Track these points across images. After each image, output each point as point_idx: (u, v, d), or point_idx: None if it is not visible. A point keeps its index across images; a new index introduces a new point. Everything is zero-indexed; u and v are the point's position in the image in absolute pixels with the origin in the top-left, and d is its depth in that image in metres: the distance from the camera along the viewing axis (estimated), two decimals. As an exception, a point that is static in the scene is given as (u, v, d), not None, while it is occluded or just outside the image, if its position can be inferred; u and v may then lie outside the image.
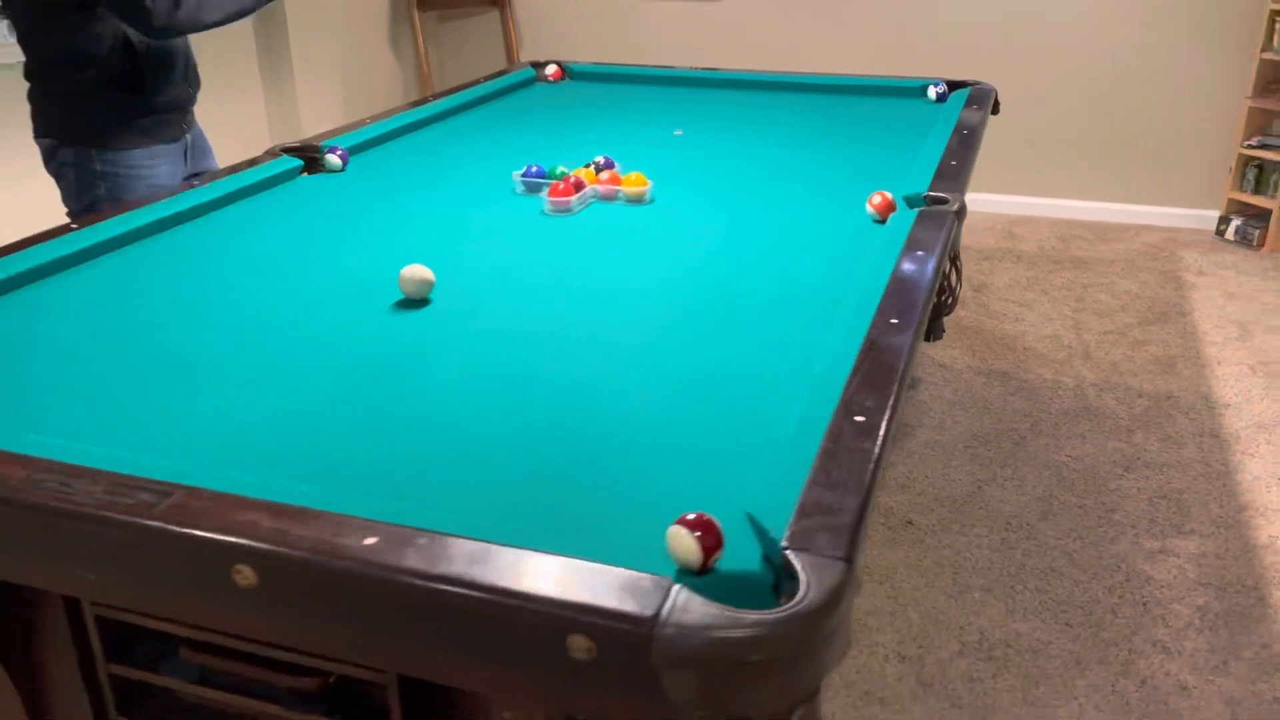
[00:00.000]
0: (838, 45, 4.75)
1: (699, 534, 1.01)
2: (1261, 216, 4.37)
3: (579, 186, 2.19)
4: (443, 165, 2.52)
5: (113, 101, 2.31)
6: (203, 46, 2.66)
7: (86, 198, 2.36)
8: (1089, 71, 4.49)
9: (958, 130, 2.61)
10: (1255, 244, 4.36)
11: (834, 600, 0.94)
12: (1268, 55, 4.20)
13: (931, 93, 3.14)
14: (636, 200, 2.22)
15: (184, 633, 1.29)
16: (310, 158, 2.45)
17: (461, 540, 1.01)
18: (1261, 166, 4.35)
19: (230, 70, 4.10)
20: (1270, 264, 4.21)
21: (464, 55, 5.28)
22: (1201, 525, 2.49)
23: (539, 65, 3.55)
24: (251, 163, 2.36)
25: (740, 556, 1.03)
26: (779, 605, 0.93)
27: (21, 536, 1.12)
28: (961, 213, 2.02)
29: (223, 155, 2.76)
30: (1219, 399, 3.11)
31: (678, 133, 2.81)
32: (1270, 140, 4.31)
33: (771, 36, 4.83)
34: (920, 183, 2.20)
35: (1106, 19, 4.42)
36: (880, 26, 4.69)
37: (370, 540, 1.02)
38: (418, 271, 1.69)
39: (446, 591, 0.96)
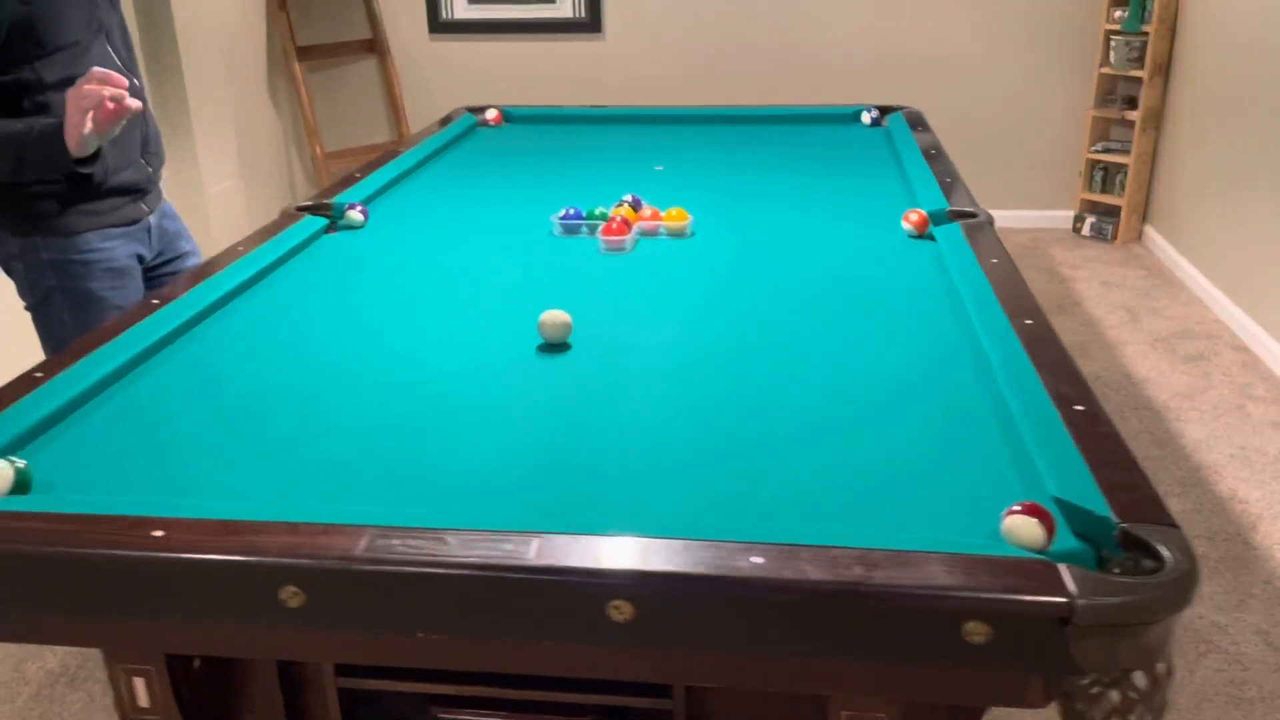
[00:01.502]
0: (718, 78, 4.98)
1: (1037, 519, 1.13)
2: (1111, 212, 4.89)
3: (628, 224, 2.27)
4: (458, 214, 2.53)
5: (55, 186, 2.07)
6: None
7: (39, 290, 2.13)
8: (951, 92, 4.89)
9: (925, 152, 2.83)
10: (1110, 237, 4.88)
11: (1193, 559, 1.08)
12: (1105, 70, 4.72)
13: (865, 118, 3.38)
14: (678, 234, 2.31)
15: (434, 690, 1.32)
16: (322, 216, 2.41)
17: (848, 549, 1.08)
18: (1106, 168, 4.87)
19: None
20: (1127, 254, 4.72)
21: (345, 104, 5.19)
22: (1171, 487, 2.81)
23: (476, 110, 3.57)
24: (278, 226, 2.30)
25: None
26: (1107, 572, 1.06)
27: (396, 603, 1.11)
28: (993, 223, 2.23)
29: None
30: (1137, 375, 3.48)
31: (659, 168, 2.92)
32: (1111, 145, 4.84)
33: (657, 72, 5.01)
34: (930, 200, 2.40)
35: (963, 43, 4.85)
36: (754, 60, 4.95)
37: (757, 559, 1.08)
38: (559, 316, 1.72)
39: (855, 591, 1.04)
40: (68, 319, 2.16)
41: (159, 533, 1.14)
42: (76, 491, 1.30)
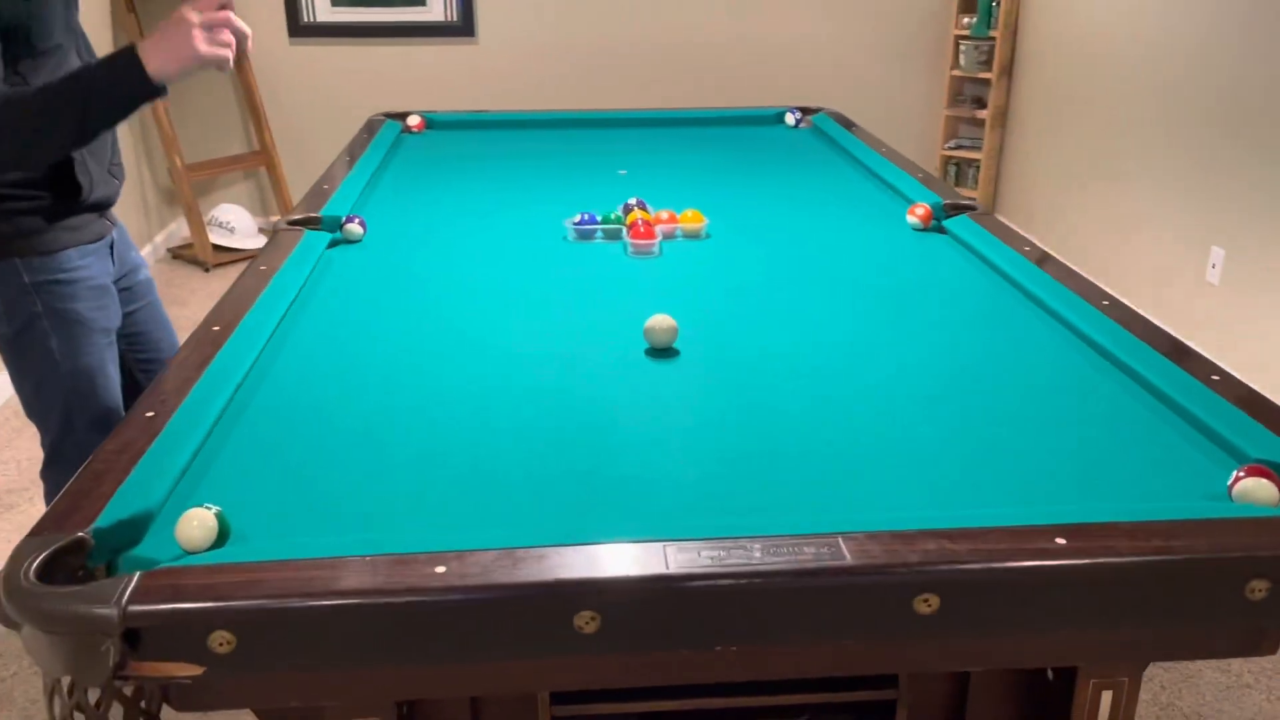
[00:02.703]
0: (596, 83, 4.99)
1: (1267, 479, 1.23)
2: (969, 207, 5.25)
3: (653, 228, 2.26)
4: (453, 223, 2.44)
5: (37, 201, 1.89)
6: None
7: (20, 317, 1.91)
8: (813, 93, 5.10)
9: (875, 149, 2.96)
10: (967, 228, 5.24)
11: None
12: (955, 72, 5.07)
13: (790, 119, 3.48)
14: (694, 236, 2.33)
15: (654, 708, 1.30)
16: (312, 229, 2.27)
17: (1140, 523, 1.14)
18: (959, 164, 5.23)
19: None
20: (986, 243, 5.09)
21: (199, 113, 4.84)
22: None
23: (396, 116, 3.44)
24: (287, 243, 2.15)
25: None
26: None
27: (693, 618, 1.08)
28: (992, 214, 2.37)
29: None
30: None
31: (622, 172, 2.91)
32: (963, 142, 5.20)
33: (534, 76, 4.96)
34: (920, 195, 2.51)
35: (823, 47, 5.07)
36: (630, 64, 5.00)
37: (1060, 540, 1.12)
38: (666, 320, 1.71)
39: (1160, 562, 1.10)
40: (56, 345, 1.93)
41: (441, 569, 1.06)
42: (270, 538, 1.19)
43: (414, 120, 3.40)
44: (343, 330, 1.79)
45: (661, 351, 1.70)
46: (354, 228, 2.27)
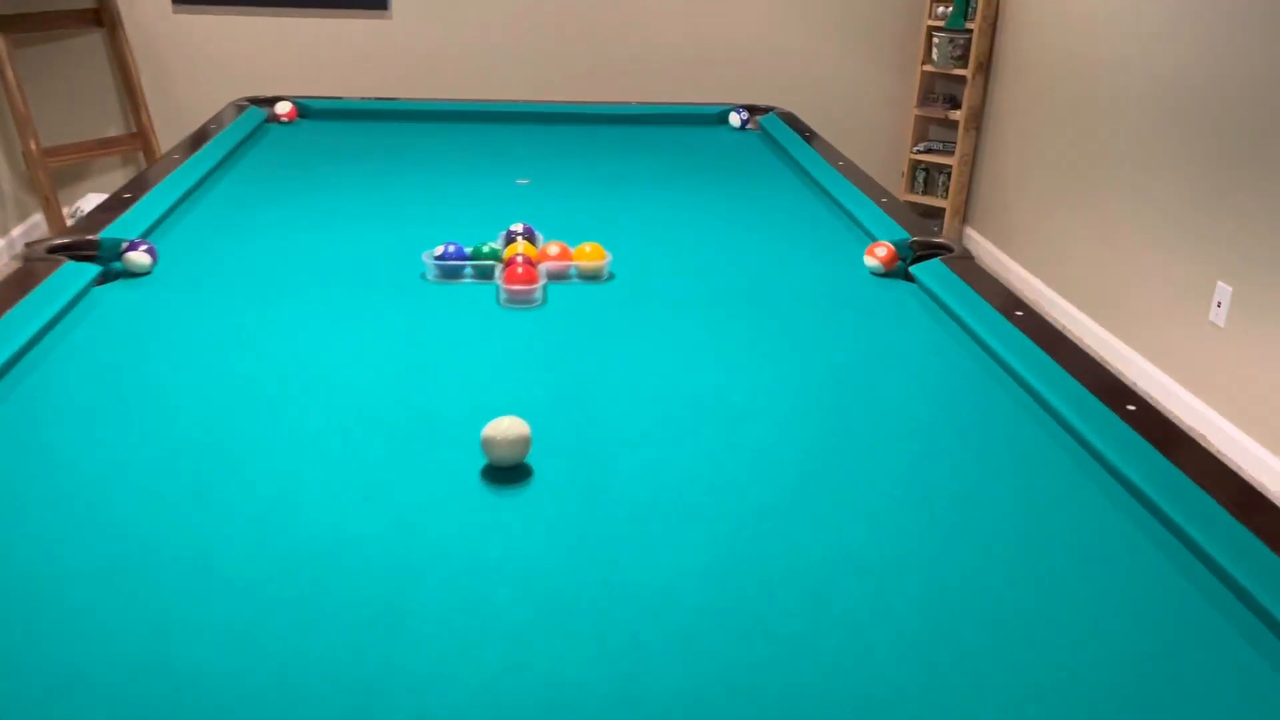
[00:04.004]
0: (523, 68, 4.43)
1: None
2: (933, 214, 4.76)
3: (534, 267, 1.73)
4: (282, 250, 1.88)
5: None
6: None
7: None
8: (772, 87, 4.58)
9: (833, 164, 2.44)
10: (935, 241, 4.73)
11: None
12: (927, 68, 4.56)
13: (735, 119, 2.95)
14: (593, 277, 1.79)
15: None
16: (84, 256, 1.72)
17: None
18: (928, 169, 4.73)
19: None
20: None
21: (65, 89, 4.23)
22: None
23: (261, 102, 2.87)
24: (27, 275, 1.59)
25: None
26: None
27: None
28: (971, 258, 1.86)
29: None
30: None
31: (522, 182, 2.37)
32: (933, 145, 4.70)
33: (454, 59, 4.40)
34: (878, 227, 2.00)
35: (785, 38, 4.54)
36: (564, 50, 4.44)
37: None
38: (512, 429, 1.17)
39: None
40: None
41: None
42: None
43: (283, 108, 2.83)
44: (52, 432, 1.24)
45: (505, 473, 1.17)
46: (138, 257, 1.71)
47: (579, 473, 1.17)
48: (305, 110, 2.88)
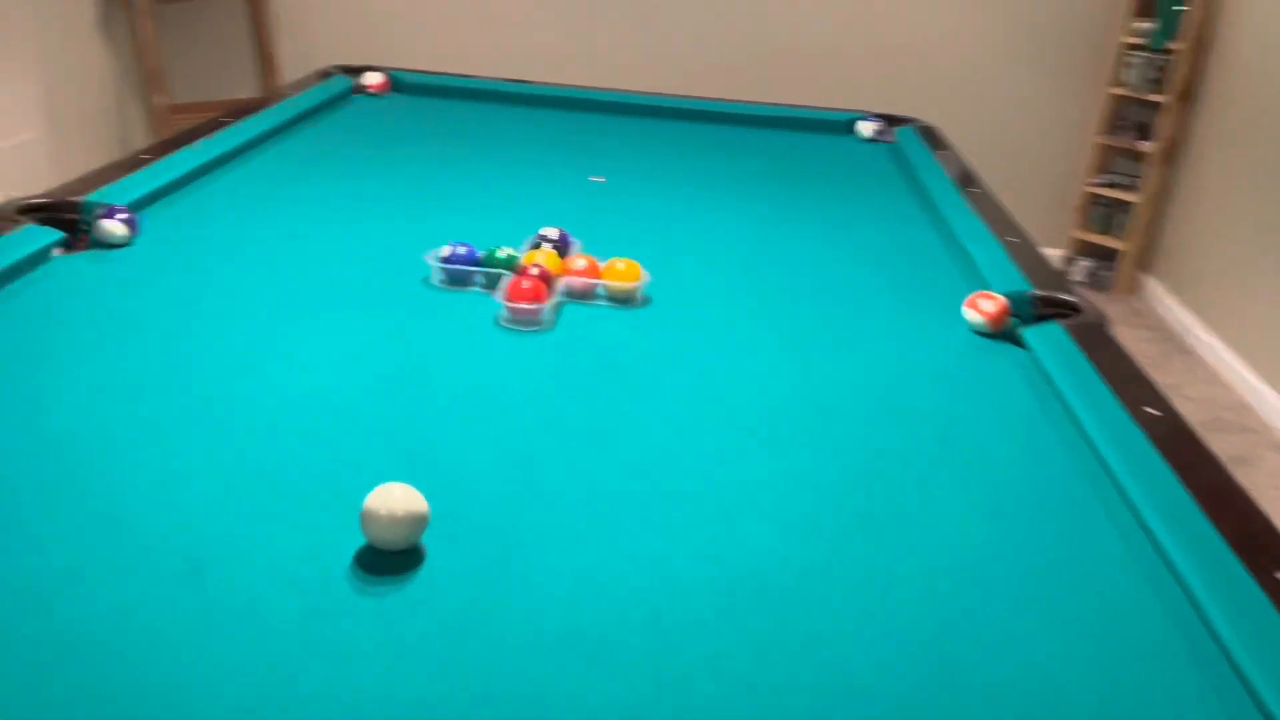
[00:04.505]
0: (639, 54, 4.14)
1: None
2: (1110, 256, 4.21)
3: (546, 281, 1.43)
4: (291, 233, 1.65)
5: None
6: None
7: None
8: (934, 100, 4.14)
9: (967, 192, 2.04)
10: (1108, 287, 4.18)
11: None
12: (1116, 90, 4.02)
13: (865, 130, 2.57)
14: (624, 301, 1.48)
15: None
16: (68, 220, 1.52)
17: None
18: (1109, 205, 4.18)
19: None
20: (1127, 309, 4.03)
21: (202, 49, 4.20)
22: None
23: (351, 71, 2.68)
24: (-25, 236, 1.40)
25: None
26: None
27: None
28: (1108, 324, 1.46)
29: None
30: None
31: (598, 179, 2.08)
32: (1117, 178, 4.15)
33: (551, 43, 4.15)
34: (996, 274, 1.61)
35: (954, 48, 4.09)
36: (684, 39, 4.13)
37: None
38: (410, 501, 0.88)
39: None
40: None
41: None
42: None
43: (372, 79, 2.62)
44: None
45: (401, 557, 0.88)
46: (110, 225, 1.51)
47: (518, 595, 0.87)
48: (398, 83, 2.67)
